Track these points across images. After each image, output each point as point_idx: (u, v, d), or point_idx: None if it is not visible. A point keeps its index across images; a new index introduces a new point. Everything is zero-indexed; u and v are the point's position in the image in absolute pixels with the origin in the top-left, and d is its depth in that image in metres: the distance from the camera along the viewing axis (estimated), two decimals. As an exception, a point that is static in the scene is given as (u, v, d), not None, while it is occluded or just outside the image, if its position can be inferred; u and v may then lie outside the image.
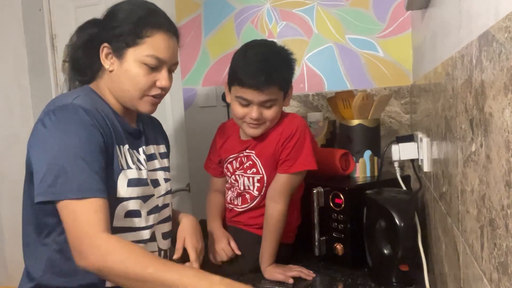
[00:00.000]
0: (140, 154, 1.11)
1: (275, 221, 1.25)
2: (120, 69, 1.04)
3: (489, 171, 0.54)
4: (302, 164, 1.24)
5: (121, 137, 1.05)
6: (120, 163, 1.01)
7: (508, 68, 0.45)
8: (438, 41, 0.98)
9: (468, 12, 0.66)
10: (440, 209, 0.97)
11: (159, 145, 1.23)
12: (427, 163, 1.11)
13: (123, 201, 1.01)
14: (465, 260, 0.71)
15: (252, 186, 1.32)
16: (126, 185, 1.01)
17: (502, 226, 0.50)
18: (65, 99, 0.99)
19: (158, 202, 1.12)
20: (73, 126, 0.94)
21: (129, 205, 1.02)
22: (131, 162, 1.05)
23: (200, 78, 1.89)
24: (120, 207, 1.00)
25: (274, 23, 1.78)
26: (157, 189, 1.13)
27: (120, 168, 1.01)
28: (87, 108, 0.97)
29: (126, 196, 1.01)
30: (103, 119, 1.00)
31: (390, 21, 1.66)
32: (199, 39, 1.88)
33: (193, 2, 1.87)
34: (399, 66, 1.67)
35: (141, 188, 1.05)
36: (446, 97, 0.84)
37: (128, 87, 1.04)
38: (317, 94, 1.75)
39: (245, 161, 1.33)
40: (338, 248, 1.27)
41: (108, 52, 1.05)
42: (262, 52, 1.24)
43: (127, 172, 1.02)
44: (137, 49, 1.03)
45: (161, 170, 1.18)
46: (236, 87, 1.23)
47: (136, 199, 1.03)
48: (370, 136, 1.44)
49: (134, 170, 1.04)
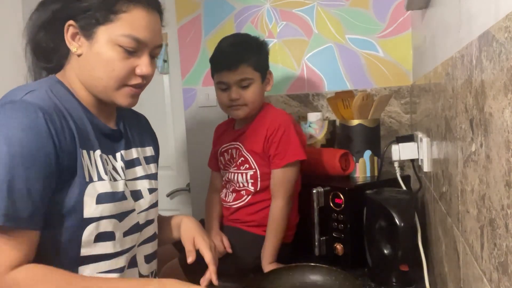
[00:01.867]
0: (117, 160, 0.92)
1: (275, 217, 1.27)
2: (90, 52, 0.85)
3: (489, 171, 0.54)
4: (292, 155, 1.28)
5: (90, 140, 0.86)
6: (88, 174, 0.83)
7: (508, 68, 0.45)
8: (438, 41, 0.98)
9: (468, 12, 0.66)
10: (440, 209, 0.97)
11: (145, 148, 1.04)
12: (427, 163, 1.11)
13: (92, 222, 0.82)
14: (465, 260, 0.71)
15: (246, 182, 1.33)
16: (95, 202, 0.82)
17: (502, 226, 0.50)
18: (16, 94, 0.80)
19: (139, 219, 0.94)
20: (11, 129, 0.74)
21: (100, 227, 0.84)
22: (103, 172, 0.86)
23: (200, 78, 1.89)
24: (88, 230, 0.82)
25: (274, 23, 1.78)
26: (138, 203, 0.94)
27: (87, 180, 0.82)
28: (42, 107, 0.78)
29: (95, 216, 0.82)
30: (64, 120, 0.81)
31: (390, 21, 1.66)
32: (199, 39, 1.88)
33: (193, 2, 1.87)
34: (399, 66, 1.67)
35: (115, 204, 0.86)
36: (446, 97, 0.84)
37: (101, 74, 0.85)
38: (317, 94, 1.75)
39: (237, 157, 1.36)
40: (338, 248, 1.27)
41: (74, 31, 0.85)
42: (232, 39, 1.38)
43: (97, 185, 0.83)
44: (110, 27, 0.84)
45: (146, 178, 0.99)
46: (215, 75, 1.34)
47: (109, 218, 0.85)
48: (370, 136, 1.44)
49: (106, 181, 0.85)
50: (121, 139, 0.96)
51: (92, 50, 0.85)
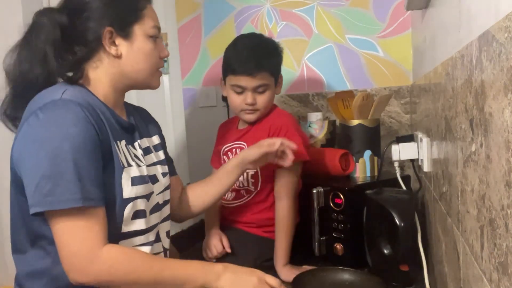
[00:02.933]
0: (137, 149, 1.03)
1: (283, 218, 1.27)
2: (131, 49, 0.97)
3: (489, 171, 0.54)
4: (296, 156, 1.25)
5: (117, 132, 0.96)
6: (121, 161, 0.93)
7: (508, 68, 0.45)
8: (438, 41, 0.98)
9: (468, 12, 0.66)
10: (440, 209, 0.97)
11: (152, 137, 1.13)
12: (427, 163, 1.11)
13: (130, 201, 0.93)
14: (465, 260, 0.71)
15: (247, 181, 1.33)
16: (131, 184, 0.93)
17: (502, 226, 0.50)
18: (52, 94, 0.88)
19: (158, 200, 1.04)
20: (64, 126, 0.83)
21: (136, 205, 0.94)
22: (130, 159, 0.97)
23: (200, 78, 1.89)
24: (128, 209, 0.92)
25: (274, 23, 1.78)
26: (156, 186, 1.04)
27: (122, 166, 0.92)
28: (80, 102, 0.87)
29: (132, 196, 0.93)
30: (96, 114, 0.90)
31: (390, 21, 1.66)
32: (199, 39, 1.88)
33: (193, 2, 1.87)
34: (399, 66, 1.67)
35: (143, 186, 0.97)
36: (446, 97, 0.84)
37: (144, 65, 0.99)
38: (317, 94, 1.75)
39: None
40: (338, 248, 1.27)
41: (110, 35, 0.95)
42: (251, 41, 1.34)
43: (129, 170, 0.94)
44: (142, 23, 0.97)
45: (158, 164, 1.09)
46: (230, 77, 1.30)
47: (141, 198, 0.96)
48: (370, 136, 1.44)
49: (135, 167, 0.96)
50: (135, 130, 1.06)
51: (133, 47, 0.97)
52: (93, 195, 0.84)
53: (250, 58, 1.28)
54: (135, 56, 0.97)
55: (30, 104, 0.90)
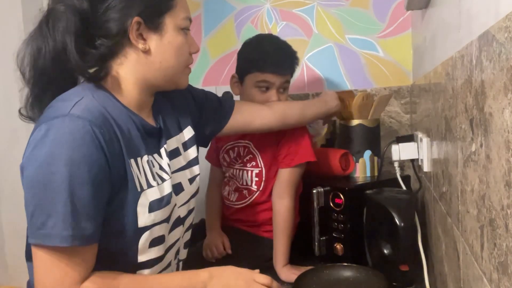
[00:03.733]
0: (163, 157, 0.91)
1: (284, 217, 1.26)
2: (161, 43, 0.85)
3: (489, 171, 0.54)
4: (304, 156, 1.28)
5: (136, 147, 0.84)
6: (139, 183, 0.82)
7: (508, 68, 0.45)
8: (438, 41, 0.98)
9: (468, 12, 0.66)
10: (440, 209, 0.97)
11: (183, 131, 1.01)
12: (427, 163, 1.11)
13: (146, 230, 0.83)
14: (465, 260, 0.71)
15: (251, 181, 1.33)
16: (148, 211, 0.82)
17: (502, 226, 0.50)
18: (63, 107, 0.77)
19: (180, 213, 0.94)
20: (67, 149, 0.72)
21: (154, 233, 0.84)
22: (151, 178, 0.85)
23: (200, 78, 1.89)
24: (143, 238, 0.83)
25: (274, 23, 1.78)
26: (179, 197, 0.94)
27: (139, 190, 0.81)
28: (91, 119, 0.75)
29: (149, 224, 0.83)
30: (112, 130, 0.79)
31: (390, 21, 1.66)
32: (199, 39, 1.88)
33: (193, 2, 1.86)
34: (399, 66, 1.67)
35: (164, 209, 0.86)
36: (446, 97, 0.84)
37: (174, 62, 0.87)
38: (317, 94, 1.75)
39: (244, 154, 1.35)
40: (338, 248, 1.27)
41: (138, 27, 0.83)
42: (278, 42, 1.36)
43: (148, 193, 0.83)
44: (173, 13, 0.85)
45: (187, 167, 0.98)
46: (256, 74, 1.28)
47: (160, 224, 0.85)
48: (370, 136, 1.44)
49: (156, 187, 0.85)
50: (162, 134, 0.94)
51: (163, 41, 0.85)
52: (86, 231, 0.74)
53: (283, 56, 1.31)
54: (165, 51, 0.85)
55: (46, 109, 0.80)
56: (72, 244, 0.72)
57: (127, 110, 0.85)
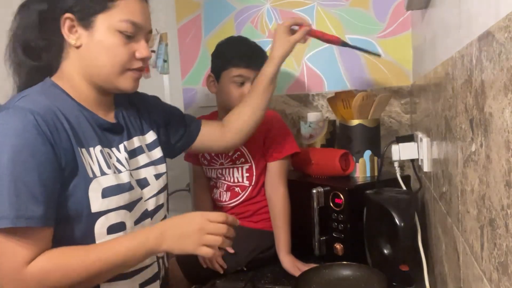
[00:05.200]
0: (121, 152, 0.95)
1: (281, 206, 1.32)
2: (90, 41, 0.88)
3: (489, 171, 0.54)
4: (290, 149, 1.38)
5: (89, 137, 0.89)
6: (91, 170, 0.86)
7: (508, 68, 0.45)
8: (438, 41, 0.98)
9: (468, 12, 0.66)
10: (440, 209, 0.97)
11: (145, 135, 1.05)
12: (427, 163, 1.11)
13: (101, 215, 0.86)
14: (465, 260, 0.71)
15: (241, 177, 1.38)
16: (101, 196, 0.86)
17: (502, 226, 0.50)
18: (11, 101, 0.84)
19: (147, 206, 0.98)
20: (7, 137, 0.77)
21: (110, 219, 0.88)
22: (106, 166, 0.89)
23: (200, 78, 1.89)
24: (99, 224, 0.86)
25: (274, 23, 1.78)
26: (146, 190, 0.98)
27: (91, 176, 0.85)
28: (35, 110, 0.80)
29: (103, 209, 0.86)
30: (58, 121, 0.83)
31: (390, 21, 1.66)
32: (199, 39, 1.88)
33: (193, 2, 1.87)
34: (399, 66, 1.67)
35: (122, 195, 0.89)
36: (446, 97, 0.84)
37: (104, 61, 0.88)
38: (317, 94, 1.75)
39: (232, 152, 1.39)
40: (338, 248, 1.27)
41: (71, 24, 0.87)
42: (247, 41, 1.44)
43: (101, 180, 0.87)
44: (108, 15, 0.87)
45: (151, 165, 1.02)
46: (232, 69, 1.36)
47: (118, 210, 0.89)
48: (370, 136, 1.44)
49: (111, 175, 0.89)
50: (123, 131, 0.98)
51: (93, 39, 0.88)
52: (33, 213, 0.76)
53: (254, 53, 1.38)
54: (94, 49, 0.88)
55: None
56: (16, 224, 0.75)
57: (79, 106, 0.90)
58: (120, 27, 0.88)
